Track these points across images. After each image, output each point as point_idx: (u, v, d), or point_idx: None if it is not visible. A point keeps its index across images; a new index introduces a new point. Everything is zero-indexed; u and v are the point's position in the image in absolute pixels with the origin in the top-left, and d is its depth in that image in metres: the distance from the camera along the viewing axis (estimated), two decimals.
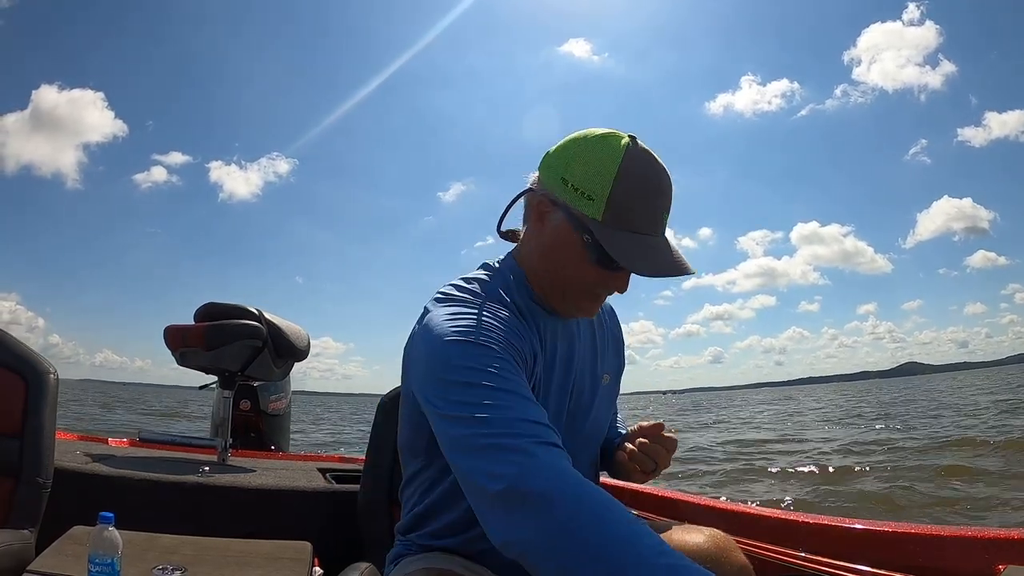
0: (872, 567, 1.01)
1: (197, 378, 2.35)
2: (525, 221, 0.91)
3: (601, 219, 0.80)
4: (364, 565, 1.03)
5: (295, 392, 3.06)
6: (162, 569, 1.01)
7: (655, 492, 1.43)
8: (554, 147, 0.87)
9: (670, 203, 0.83)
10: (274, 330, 2.15)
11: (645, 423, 0.98)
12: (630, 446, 0.93)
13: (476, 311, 0.81)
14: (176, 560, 1.05)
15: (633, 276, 0.85)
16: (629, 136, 0.82)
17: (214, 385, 2.36)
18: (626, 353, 1.09)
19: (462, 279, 0.91)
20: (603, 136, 0.82)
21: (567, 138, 0.86)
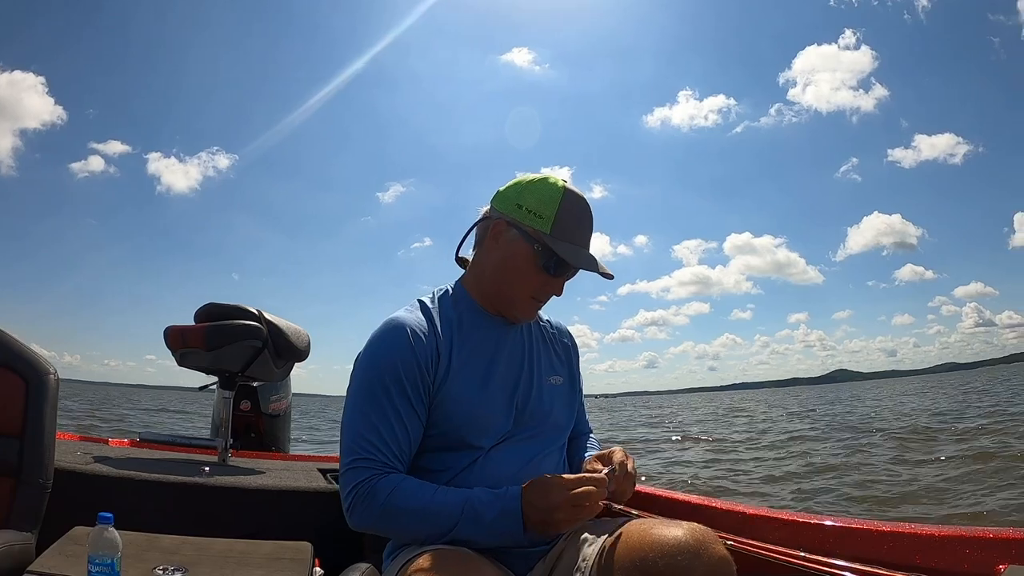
0: (872, 567, 1.01)
1: (138, 374, 2.34)
2: (476, 246, 1.14)
3: (549, 232, 1.05)
4: (364, 566, 1.03)
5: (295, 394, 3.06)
6: (163, 570, 1.01)
7: (655, 492, 1.43)
8: (504, 186, 1.11)
9: (593, 227, 1.10)
10: (274, 330, 2.15)
11: (618, 451, 1.12)
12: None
13: (393, 330, 1.04)
14: (177, 560, 1.06)
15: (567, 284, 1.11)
16: (563, 179, 1.10)
17: (214, 386, 2.37)
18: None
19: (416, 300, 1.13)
20: (547, 176, 1.10)
21: (516, 178, 1.11)
